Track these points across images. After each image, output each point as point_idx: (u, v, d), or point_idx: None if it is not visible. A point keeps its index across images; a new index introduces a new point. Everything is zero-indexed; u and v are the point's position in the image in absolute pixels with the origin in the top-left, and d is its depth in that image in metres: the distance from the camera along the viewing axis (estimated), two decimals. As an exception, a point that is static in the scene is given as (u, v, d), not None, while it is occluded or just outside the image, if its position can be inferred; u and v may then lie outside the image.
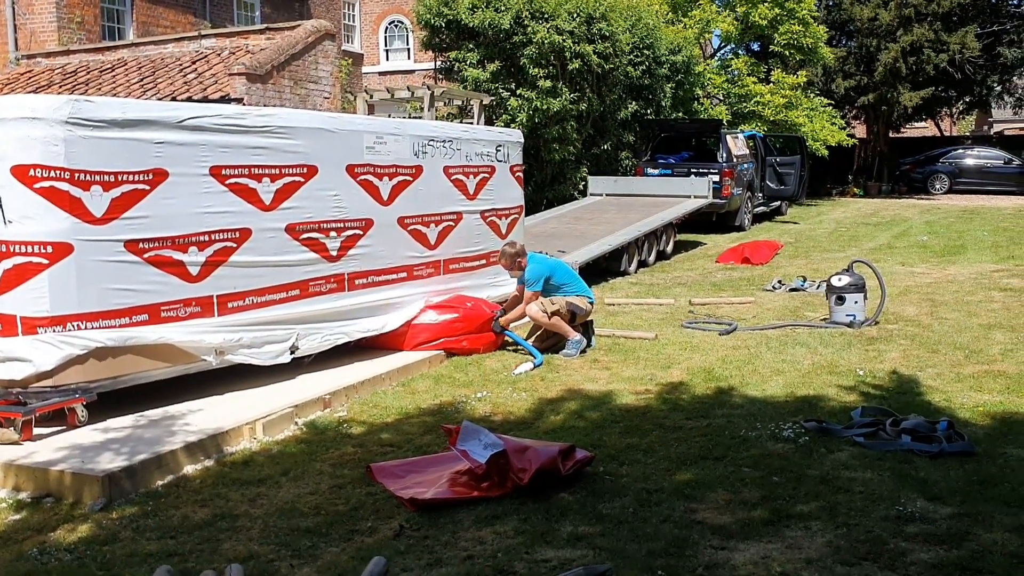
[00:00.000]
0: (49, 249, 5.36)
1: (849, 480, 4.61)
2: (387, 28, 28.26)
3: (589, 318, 8.01)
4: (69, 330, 5.40)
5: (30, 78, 15.42)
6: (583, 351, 7.68)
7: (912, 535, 3.93)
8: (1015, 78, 30.87)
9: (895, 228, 18.33)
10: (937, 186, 28.18)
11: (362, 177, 7.26)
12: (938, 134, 36.68)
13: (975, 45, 26.86)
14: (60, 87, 14.45)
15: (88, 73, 15.07)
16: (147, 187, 5.71)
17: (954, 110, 34.95)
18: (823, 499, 4.36)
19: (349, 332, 7.15)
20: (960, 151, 29.24)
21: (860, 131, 32.83)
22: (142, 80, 14.13)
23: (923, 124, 37.51)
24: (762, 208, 20.40)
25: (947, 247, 14.90)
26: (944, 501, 4.29)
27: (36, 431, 5.27)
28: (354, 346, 7.26)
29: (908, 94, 27.44)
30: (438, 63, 18.95)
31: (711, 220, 17.86)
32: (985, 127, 42.57)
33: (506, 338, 7.93)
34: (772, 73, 24.25)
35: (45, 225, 5.35)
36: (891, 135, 32.06)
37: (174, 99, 12.65)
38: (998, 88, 30.96)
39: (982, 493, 4.37)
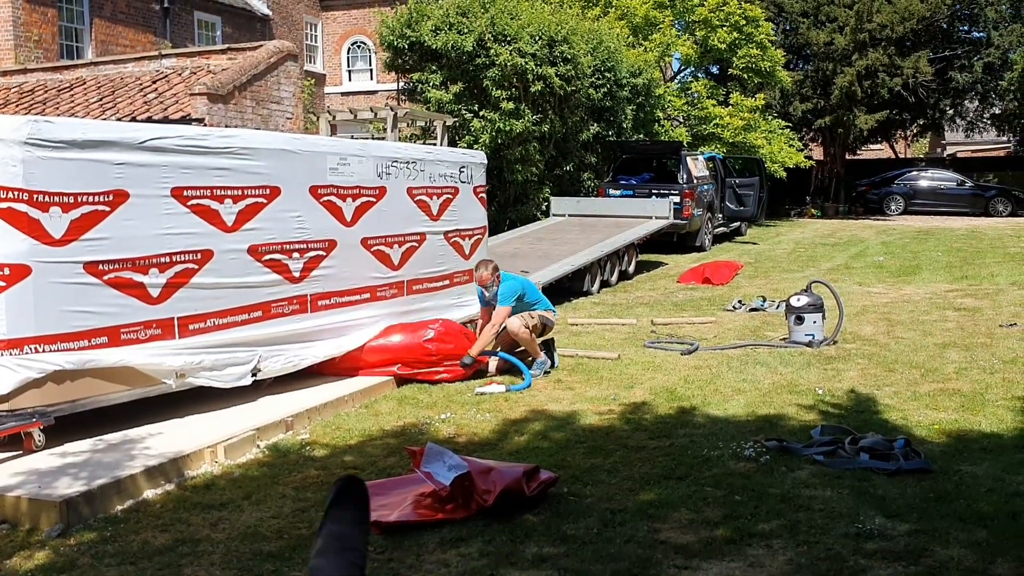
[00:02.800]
0: (6, 271, 5.29)
1: (809, 498, 4.67)
2: (350, 49, 28.26)
3: (550, 336, 8.05)
4: (26, 353, 5.32)
5: (-14, 97, 15.19)
6: (547, 372, 7.71)
7: (871, 552, 3.99)
8: (966, 102, 31.59)
9: (852, 248, 18.63)
10: (892, 207, 28.70)
11: (325, 198, 7.25)
12: (893, 156, 37.39)
13: (928, 69, 27.47)
14: (17, 106, 14.26)
15: (46, 92, 14.89)
16: (107, 208, 5.66)
17: (908, 133, 35.69)
18: (784, 517, 4.41)
19: (311, 355, 7.11)
20: (914, 173, 29.83)
21: (817, 153, 33.36)
22: (101, 99, 13.99)
23: (878, 146, 38.21)
24: (722, 229, 20.63)
25: (903, 267, 15.17)
26: (902, 518, 4.37)
27: (-9, 456, 5.18)
28: (316, 368, 7.22)
29: (864, 117, 27.95)
30: (401, 84, 18.98)
31: (672, 240, 18.03)
32: (938, 149, 43.49)
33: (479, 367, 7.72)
34: (731, 96, 24.58)
35: (2, 247, 5.29)
36: (847, 157, 32.61)
37: (134, 119, 12.54)
38: (950, 111, 31.64)
39: (939, 510, 4.46)
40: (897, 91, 27.84)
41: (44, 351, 5.38)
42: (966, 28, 30.80)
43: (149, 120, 12.34)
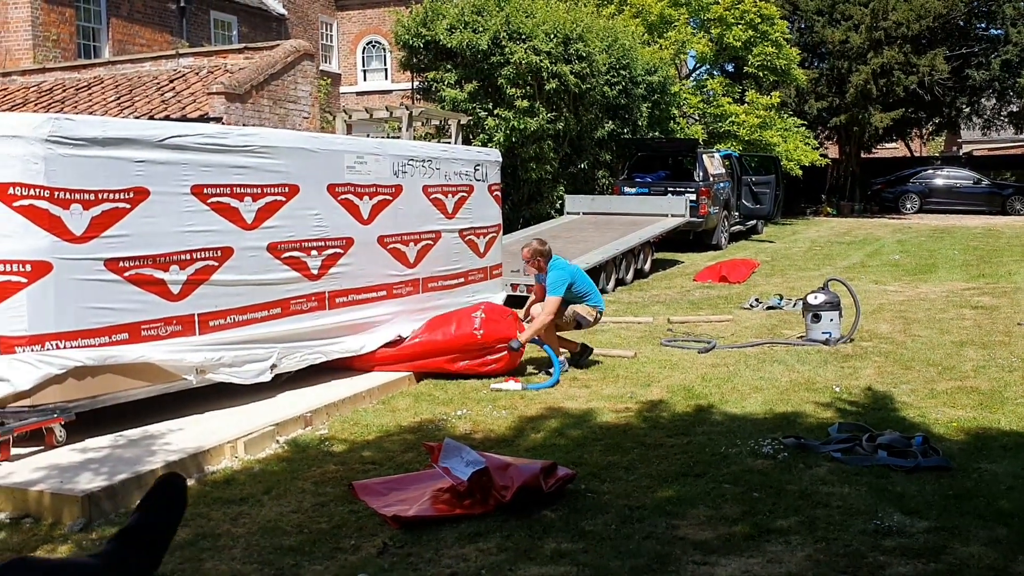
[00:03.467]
0: (28, 268, 5.33)
1: (827, 495, 4.66)
2: (365, 48, 28.33)
3: (587, 348, 7.96)
4: (48, 349, 5.36)
5: (5, 96, 15.33)
6: (563, 371, 7.70)
7: (890, 549, 3.99)
8: (983, 100, 31.40)
9: (868, 247, 18.56)
10: (908, 206, 28.56)
11: (343, 196, 7.29)
12: (908, 155, 37.22)
13: (944, 67, 27.32)
14: (36, 105, 14.37)
15: (64, 91, 15.00)
16: (128, 206, 5.70)
17: (924, 131, 35.53)
18: (802, 514, 4.41)
19: (328, 352, 7.15)
20: (930, 171, 29.69)
21: (833, 151, 33.26)
22: (119, 98, 14.08)
23: (894, 145, 38.06)
24: (738, 227, 20.58)
25: (919, 266, 15.10)
26: (921, 515, 4.36)
27: (14, 451, 5.22)
28: (334, 364, 7.25)
29: (879, 115, 27.84)
30: (416, 83, 19.02)
31: (688, 239, 18.00)
32: (954, 148, 43.23)
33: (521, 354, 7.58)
34: (746, 94, 24.54)
35: (24, 243, 5.32)
36: (863, 155, 32.48)
37: (152, 118, 12.62)
38: (967, 109, 31.47)
39: (958, 507, 4.44)
40: (913, 89, 27.70)
41: (65, 347, 5.42)
42: (983, 25, 30.61)
43: (167, 119, 12.41)
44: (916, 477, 4.88)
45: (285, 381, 6.83)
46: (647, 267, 14.67)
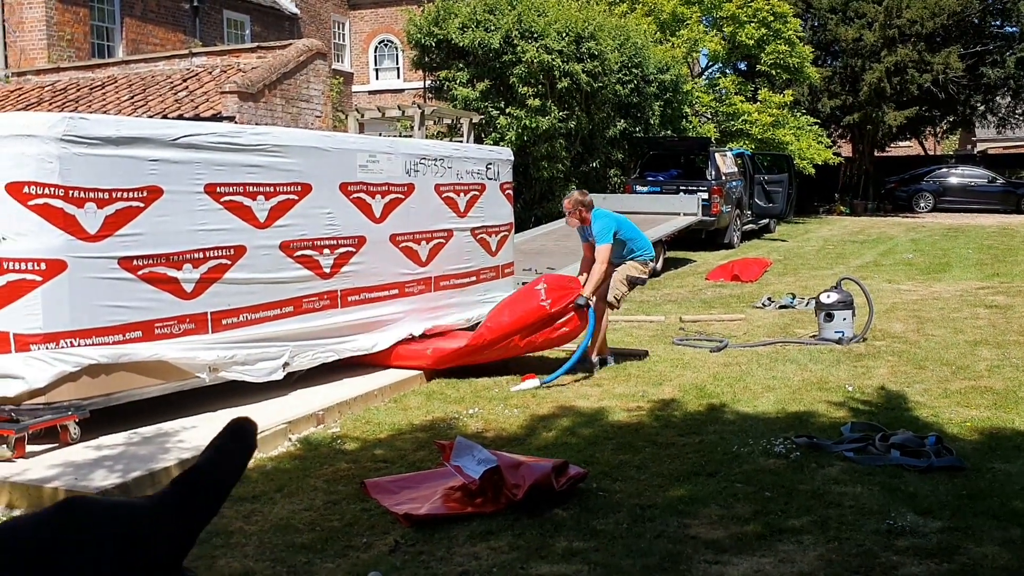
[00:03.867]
0: (43, 266, 5.37)
1: (840, 495, 4.65)
2: (377, 47, 28.37)
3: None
4: (62, 347, 5.40)
5: (20, 95, 15.42)
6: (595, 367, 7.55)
7: (903, 549, 3.97)
8: (998, 98, 31.21)
9: (881, 246, 18.48)
10: (922, 204, 28.42)
11: (355, 195, 7.30)
12: (922, 153, 37.04)
13: (958, 65, 27.17)
14: (50, 104, 14.45)
15: (78, 90, 15.08)
16: (141, 204, 5.73)
17: (938, 129, 35.34)
18: (814, 513, 4.40)
19: (340, 350, 7.17)
20: (944, 170, 29.53)
21: (846, 150, 33.12)
22: (133, 98, 14.15)
23: (907, 143, 37.89)
24: (751, 226, 20.52)
25: (932, 265, 15.03)
26: (934, 515, 4.34)
27: (29, 448, 5.26)
28: (346, 362, 7.27)
29: (893, 113, 27.70)
30: (428, 82, 19.04)
31: (700, 237, 17.96)
32: (969, 146, 42.98)
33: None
34: (759, 92, 24.46)
35: (39, 242, 5.36)
36: (876, 154, 32.33)
37: (165, 117, 12.67)
38: (981, 108, 31.29)
39: (971, 507, 4.42)
40: (927, 87, 27.56)
41: (79, 345, 5.46)
42: (998, 23, 30.41)
43: (180, 118, 12.46)
44: (929, 477, 4.85)
45: (297, 379, 6.85)
46: (659, 266, 14.63)
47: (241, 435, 0.93)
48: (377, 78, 28.44)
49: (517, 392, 7.00)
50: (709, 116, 24.20)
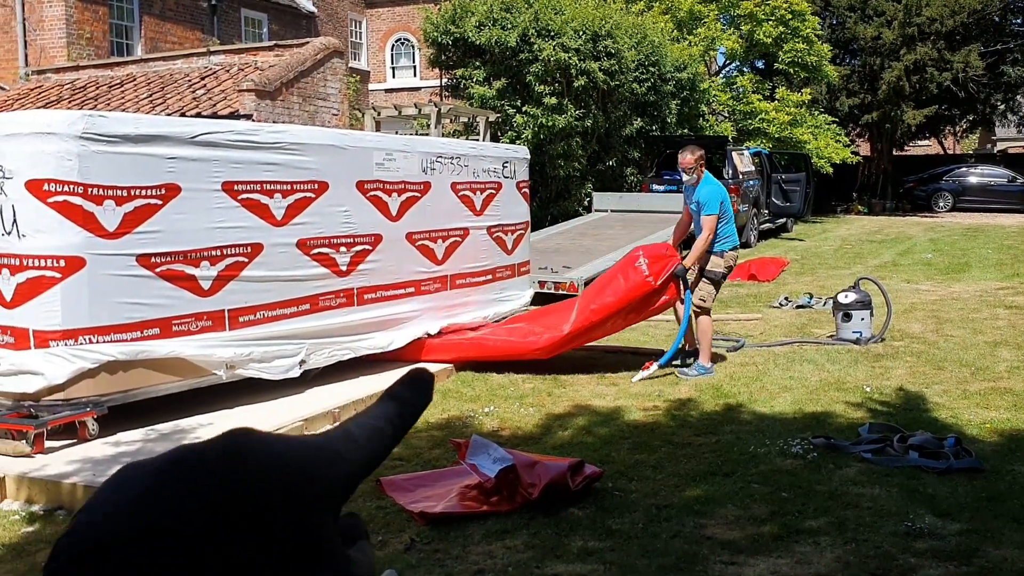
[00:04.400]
0: (62, 263, 5.40)
1: (857, 496, 4.62)
2: (393, 46, 28.42)
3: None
4: (81, 344, 5.43)
5: (40, 93, 15.54)
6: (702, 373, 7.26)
7: (921, 551, 3.94)
8: (1019, 96, 30.95)
9: (900, 245, 18.36)
10: (941, 204, 28.22)
11: (371, 193, 7.32)
12: (941, 152, 36.76)
13: (979, 64, 26.96)
14: (70, 102, 14.55)
15: (97, 88, 15.18)
16: (159, 202, 5.76)
17: (958, 128, 35.05)
18: (832, 514, 4.37)
19: (356, 348, 7.19)
20: (964, 169, 29.30)
21: (864, 149, 32.91)
22: (151, 96, 14.23)
23: (927, 142, 37.61)
24: (768, 225, 20.43)
25: (952, 265, 14.92)
26: (953, 517, 4.31)
27: (48, 444, 5.30)
28: (362, 360, 7.29)
29: (912, 112, 27.52)
30: (444, 80, 19.06)
31: (716, 237, 17.87)
32: (988, 145, 42.66)
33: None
34: (777, 91, 24.34)
35: (58, 239, 5.40)
36: (895, 153, 32.13)
37: (183, 115, 12.74)
38: (1002, 106, 31.05)
39: (991, 509, 4.38)
40: (946, 86, 27.35)
41: (98, 342, 5.49)
42: (1019, 21, 30.20)
43: (198, 116, 12.52)
44: (948, 479, 4.82)
45: (313, 377, 6.87)
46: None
47: (419, 386, 0.90)
48: (394, 76, 28.49)
49: (639, 381, 6.99)
50: (726, 115, 24.11)
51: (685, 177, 7.45)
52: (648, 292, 7.25)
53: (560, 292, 11.02)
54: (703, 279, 7.38)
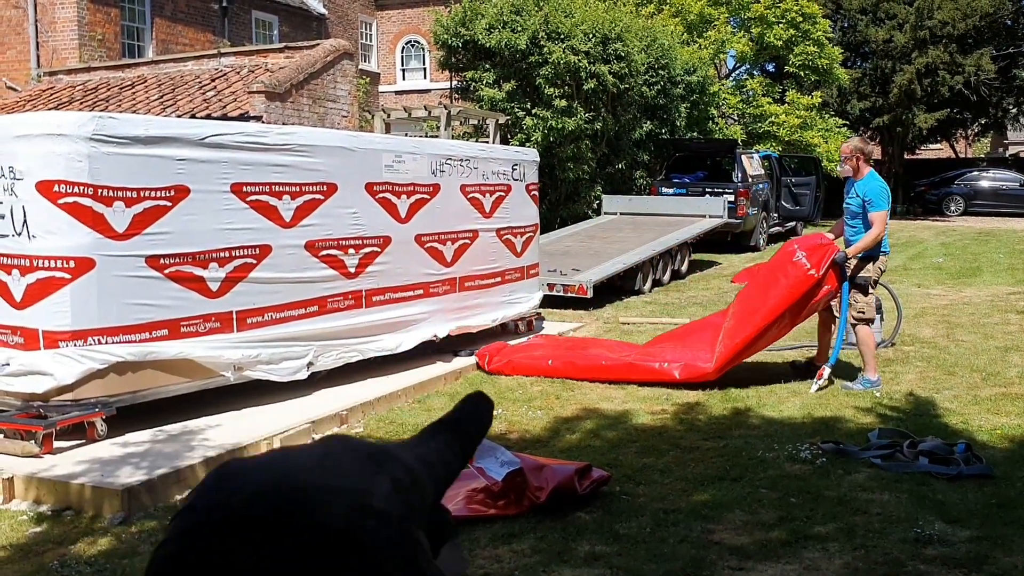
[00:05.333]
0: (72, 264, 5.41)
1: (866, 502, 4.59)
2: (404, 48, 28.45)
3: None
4: (90, 344, 5.44)
5: (52, 94, 15.60)
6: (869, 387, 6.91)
7: (931, 558, 3.92)
8: (1031, 100, 30.82)
9: (910, 250, 18.28)
10: (952, 208, 28.09)
11: (380, 195, 7.32)
12: (953, 156, 36.60)
13: (991, 67, 26.84)
14: (81, 103, 14.60)
15: (109, 90, 15.23)
16: (169, 203, 5.77)
17: (969, 132, 34.90)
18: (841, 520, 4.35)
19: (364, 350, 7.19)
20: (975, 173, 29.15)
21: (875, 152, 32.78)
22: (162, 97, 14.27)
23: (938, 146, 37.45)
24: (777, 228, 20.38)
25: (963, 269, 14.84)
26: (963, 524, 4.28)
27: (56, 444, 5.31)
28: (370, 362, 7.28)
29: (923, 116, 27.41)
30: (454, 83, 19.07)
31: (726, 240, 17.85)
32: (1000, 149, 42.47)
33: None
34: (787, 94, 24.28)
35: (68, 240, 5.41)
36: (906, 156, 32.02)
37: (194, 116, 12.77)
38: (1014, 110, 30.90)
39: (1001, 516, 4.36)
40: (958, 89, 27.25)
41: (107, 343, 5.50)
42: (1032, 25, 30.04)
43: (208, 117, 12.55)
44: (958, 485, 4.79)
45: (321, 379, 6.87)
46: (684, 268, 14.58)
47: (484, 421, 0.87)
48: (404, 78, 28.52)
49: (818, 392, 6.76)
50: (736, 118, 24.06)
51: (840, 169, 7.27)
52: (812, 285, 6.94)
53: (569, 295, 11.00)
54: (853, 287, 7.04)
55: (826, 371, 6.97)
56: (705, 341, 7.30)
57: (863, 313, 7.02)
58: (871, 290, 7.11)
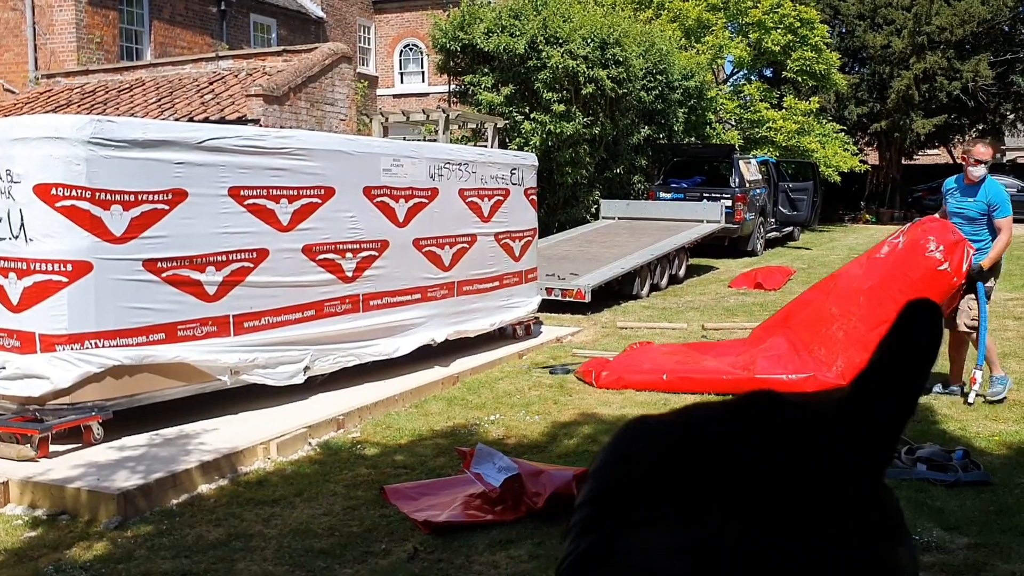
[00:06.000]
0: (69, 267, 5.40)
1: (865, 508, 4.58)
2: (402, 51, 28.46)
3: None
4: (87, 348, 5.43)
5: (49, 97, 15.59)
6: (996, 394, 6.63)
7: (929, 565, 3.91)
8: (1028, 106, 30.88)
9: (908, 255, 18.27)
10: (950, 213, 28.12)
11: (378, 199, 7.31)
12: (951, 162, 36.62)
13: (988, 73, 26.91)
14: (79, 106, 14.59)
15: (107, 93, 15.22)
16: (166, 207, 5.76)
17: (967, 138, 34.92)
18: (839, 527, 4.33)
19: (361, 354, 7.17)
20: (973, 178, 29.17)
21: (873, 158, 32.84)
22: (160, 100, 14.27)
23: (936, 151, 37.47)
24: (774, 233, 20.40)
25: (960, 275, 14.83)
26: (961, 531, 4.27)
27: (52, 448, 5.29)
28: (367, 367, 7.27)
29: (921, 121, 27.47)
30: (453, 86, 19.07)
31: (723, 245, 17.86)
32: (998, 155, 42.52)
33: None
34: (785, 99, 24.32)
35: (66, 243, 5.40)
36: (903, 162, 32.06)
37: (192, 119, 12.76)
38: (1011, 116, 30.97)
39: (999, 523, 4.35)
40: (956, 95, 27.31)
41: (104, 346, 5.48)
42: (1029, 31, 30.11)
43: (206, 120, 12.54)
44: (956, 492, 4.78)
45: (318, 383, 6.86)
46: (682, 273, 14.58)
47: (921, 318, 0.66)
48: (402, 82, 28.52)
49: (975, 399, 6.53)
50: (733, 123, 24.09)
51: (975, 172, 6.76)
52: (948, 287, 6.50)
53: (567, 299, 10.99)
54: (967, 296, 6.72)
55: (978, 375, 6.59)
56: (820, 337, 6.92)
57: (976, 320, 6.73)
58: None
